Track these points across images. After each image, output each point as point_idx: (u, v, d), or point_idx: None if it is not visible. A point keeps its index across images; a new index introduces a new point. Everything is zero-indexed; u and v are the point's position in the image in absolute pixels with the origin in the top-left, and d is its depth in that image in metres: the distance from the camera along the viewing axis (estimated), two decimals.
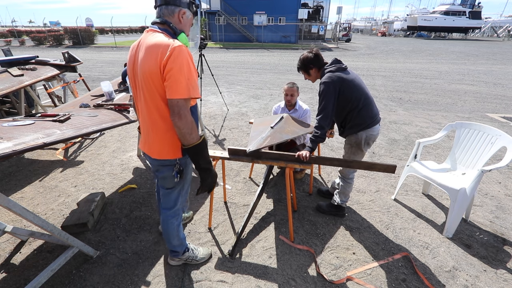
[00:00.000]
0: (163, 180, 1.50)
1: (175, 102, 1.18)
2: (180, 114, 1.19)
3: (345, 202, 2.29)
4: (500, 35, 47.13)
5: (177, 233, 1.70)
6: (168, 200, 1.57)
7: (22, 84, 3.07)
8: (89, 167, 3.13)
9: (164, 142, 1.35)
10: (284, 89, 2.73)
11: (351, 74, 1.92)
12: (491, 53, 18.02)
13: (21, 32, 33.97)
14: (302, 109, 2.82)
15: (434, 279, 1.76)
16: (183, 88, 1.17)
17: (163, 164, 1.42)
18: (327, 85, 1.86)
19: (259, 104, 5.80)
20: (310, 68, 2.02)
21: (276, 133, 2.10)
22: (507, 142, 2.08)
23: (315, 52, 2.00)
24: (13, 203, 1.41)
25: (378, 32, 55.35)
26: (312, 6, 27.83)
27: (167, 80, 1.17)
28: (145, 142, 1.43)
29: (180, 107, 1.19)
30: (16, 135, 1.52)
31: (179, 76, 1.16)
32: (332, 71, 1.89)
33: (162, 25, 1.29)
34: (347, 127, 2.01)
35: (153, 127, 1.33)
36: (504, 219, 2.32)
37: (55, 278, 1.72)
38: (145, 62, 1.20)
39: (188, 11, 1.32)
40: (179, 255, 1.79)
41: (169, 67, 1.15)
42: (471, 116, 5.14)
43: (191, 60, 1.23)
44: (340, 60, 1.96)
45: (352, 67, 10.92)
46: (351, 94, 1.88)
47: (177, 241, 1.73)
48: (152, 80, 1.20)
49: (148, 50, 1.19)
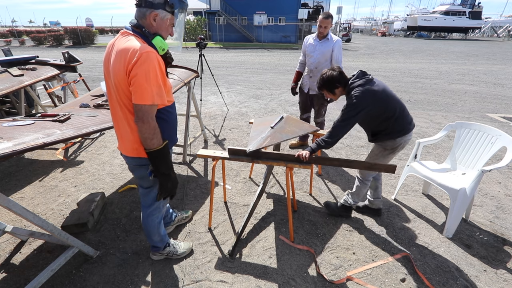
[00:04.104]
0: (140, 180, 1.55)
1: (139, 108, 1.21)
2: (143, 120, 1.22)
3: (357, 203, 2.27)
4: (500, 35, 47.13)
5: (157, 230, 1.73)
6: (147, 198, 1.61)
7: (22, 84, 3.07)
8: (89, 167, 3.13)
9: (138, 141, 1.35)
10: (319, 19, 2.90)
11: (379, 84, 1.85)
12: (491, 53, 18.02)
13: (21, 32, 33.98)
14: (333, 40, 2.98)
15: (434, 279, 1.76)
16: (147, 94, 1.18)
17: (139, 164, 1.45)
18: (358, 99, 1.78)
19: (259, 104, 5.80)
20: (336, 87, 1.92)
21: (276, 133, 2.10)
22: (507, 142, 2.08)
23: (339, 70, 1.91)
24: (13, 203, 1.41)
25: (378, 32, 55.37)
26: (312, 6, 27.82)
27: (132, 85, 1.18)
28: (121, 142, 1.46)
29: (144, 113, 1.21)
30: (16, 135, 1.52)
31: (143, 82, 1.17)
32: (362, 85, 1.81)
33: (136, 28, 1.28)
34: (382, 134, 1.95)
35: (128, 127, 1.35)
36: (504, 219, 2.32)
37: (55, 278, 1.72)
38: (115, 65, 1.21)
39: (163, 12, 1.26)
40: (160, 250, 1.84)
41: (134, 72, 1.16)
42: (471, 116, 5.14)
43: (160, 66, 1.24)
44: (365, 71, 1.90)
45: (352, 67, 10.94)
46: (385, 104, 1.83)
47: (157, 237, 1.76)
48: (120, 83, 1.22)
49: (118, 53, 1.20)
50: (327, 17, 2.88)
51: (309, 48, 3.13)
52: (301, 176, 2.99)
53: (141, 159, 1.41)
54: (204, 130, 3.81)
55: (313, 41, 3.10)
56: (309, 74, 3.21)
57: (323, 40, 3.02)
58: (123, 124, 1.37)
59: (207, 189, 2.71)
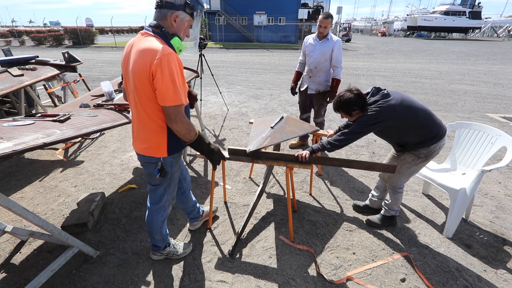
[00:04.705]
0: (149, 177, 1.58)
1: (171, 110, 1.25)
2: (176, 120, 1.28)
3: (398, 211, 2.18)
4: (500, 35, 47.12)
5: (160, 228, 1.74)
6: (154, 195, 1.63)
7: (22, 84, 3.07)
8: (89, 167, 3.13)
9: (151, 141, 1.41)
10: (319, 19, 2.90)
11: (396, 97, 1.75)
12: (491, 53, 18.02)
13: (21, 32, 33.98)
14: (333, 40, 2.98)
15: (434, 279, 1.76)
16: (176, 95, 1.23)
17: (148, 162, 1.49)
18: (376, 113, 1.72)
19: (259, 104, 5.80)
20: (354, 110, 1.82)
21: (276, 133, 2.10)
22: (507, 142, 2.08)
23: (357, 92, 1.79)
24: (13, 203, 1.41)
25: (378, 32, 55.37)
26: (312, 6, 27.81)
27: (157, 88, 1.22)
28: (135, 139, 1.50)
29: (176, 114, 1.27)
30: (16, 135, 1.52)
31: (170, 84, 1.20)
32: (378, 101, 1.75)
33: (156, 28, 1.31)
34: (411, 143, 1.88)
35: (142, 125, 1.40)
36: (504, 219, 2.32)
37: (55, 278, 1.72)
38: (135, 65, 1.24)
39: (183, 14, 1.31)
40: (160, 249, 1.83)
41: (158, 75, 1.19)
42: (471, 116, 5.14)
43: (180, 67, 1.28)
44: (379, 87, 1.84)
45: (352, 67, 10.95)
46: (406, 116, 1.74)
47: (159, 236, 1.76)
48: (140, 83, 1.25)
49: (139, 54, 1.23)
50: (327, 17, 2.88)
51: (309, 48, 3.13)
52: (301, 176, 2.99)
53: (149, 157, 1.46)
54: (204, 130, 3.82)
55: (313, 41, 3.10)
56: (308, 74, 3.21)
57: (323, 40, 3.02)
58: (135, 122, 1.43)
59: (207, 189, 2.71)
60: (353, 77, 8.88)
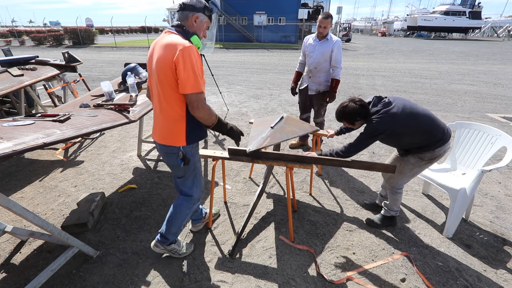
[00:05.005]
0: (173, 169, 1.68)
1: (192, 97, 1.38)
2: (198, 107, 1.41)
3: (398, 211, 2.18)
4: (500, 35, 47.11)
5: (181, 222, 1.79)
6: (184, 189, 1.73)
7: (22, 84, 3.07)
8: (89, 167, 3.13)
9: (172, 129, 1.51)
10: (319, 19, 2.89)
11: (397, 105, 1.76)
12: (491, 53, 18.02)
13: (21, 32, 34.00)
14: (333, 40, 2.97)
15: (434, 279, 1.76)
16: (196, 83, 1.36)
17: (170, 152, 1.56)
18: (378, 124, 1.75)
19: (259, 104, 5.80)
20: (357, 120, 1.85)
21: (276, 133, 2.10)
22: (507, 142, 2.08)
23: (360, 103, 1.80)
24: (13, 203, 1.41)
25: (378, 32, 55.38)
26: (312, 6, 27.80)
27: (180, 77, 1.34)
28: (156, 129, 1.60)
29: (197, 101, 1.40)
30: (16, 135, 1.52)
31: (191, 73, 1.34)
32: (379, 110, 1.77)
33: (178, 27, 1.47)
34: (416, 148, 1.89)
35: (163, 115, 1.50)
36: (504, 219, 2.32)
37: (55, 278, 1.72)
38: (159, 58, 1.38)
39: (202, 15, 1.48)
40: (167, 243, 1.81)
41: (180, 65, 1.32)
42: (471, 116, 5.14)
43: (199, 59, 1.41)
44: (380, 96, 1.86)
45: (352, 67, 10.94)
46: (409, 123, 1.75)
47: (176, 229, 1.78)
48: (164, 74, 1.38)
49: (163, 47, 1.37)
50: (327, 17, 2.88)
51: (308, 48, 3.13)
52: (301, 176, 2.99)
53: (170, 147, 1.54)
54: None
55: (312, 41, 3.10)
56: (308, 74, 3.21)
57: (323, 40, 3.02)
58: (158, 114, 1.54)
59: (207, 189, 2.71)
60: (353, 77, 8.88)
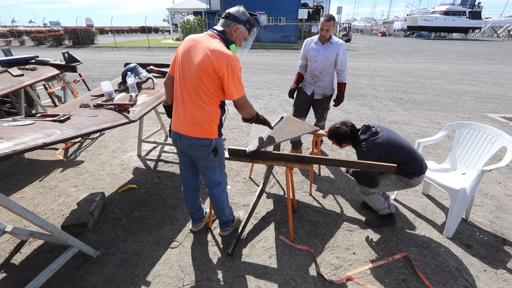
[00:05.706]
0: (204, 161, 1.72)
1: (239, 101, 1.54)
2: (245, 106, 1.59)
3: (390, 208, 2.19)
4: (500, 35, 47.10)
5: (227, 203, 1.97)
6: (214, 177, 1.82)
7: (22, 84, 3.07)
8: (89, 167, 3.13)
9: (209, 123, 1.59)
10: (321, 22, 2.79)
11: (383, 135, 1.92)
12: (491, 53, 18.02)
13: (21, 32, 33.96)
14: (338, 44, 2.85)
15: (434, 279, 1.76)
16: (242, 89, 1.52)
17: (201, 145, 1.63)
18: (366, 153, 1.90)
19: (259, 104, 5.80)
20: (344, 142, 2.04)
21: (276, 133, 2.10)
22: (507, 142, 2.08)
23: (351, 128, 1.97)
24: (13, 203, 1.41)
25: (378, 32, 55.35)
26: (312, 6, 27.81)
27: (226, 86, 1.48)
28: (184, 123, 1.61)
29: (244, 102, 1.57)
30: (16, 135, 1.52)
31: (237, 82, 1.49)
32: (366, 139, 1.93)
33: (221, 33, 1.56)
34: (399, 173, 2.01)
35: (197, 110, 1.56)
36: (504, 219, 2.32)
37: (55, 278, 1.72)
38: (204, 60, 1.44)
39: (243, 27, 1.59)
40: (230, 224, 2.05)
41: (227, 76, 1.44)
42: (471, 116, 5.14)
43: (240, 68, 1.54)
44: (369, 125, 2.00)
45: (352, 67, 10.94)
46: (392, 153, 1.90)
47: (228, 210, 1.99)
48: (205, 76, 1.46)
49: (208, 51, 1.44)
50: (329, 20, 2.72)
51: (311, 53, 2.94)
52: (301, 176, 2.99)
53: (202, 140, 1.61)
54: None
55: (315, 45, 2.91)
56: (313, 79, 3.02)
57: (327, 44, 2.85)
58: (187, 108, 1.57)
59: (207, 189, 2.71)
60: (353, 77, 8.88)
